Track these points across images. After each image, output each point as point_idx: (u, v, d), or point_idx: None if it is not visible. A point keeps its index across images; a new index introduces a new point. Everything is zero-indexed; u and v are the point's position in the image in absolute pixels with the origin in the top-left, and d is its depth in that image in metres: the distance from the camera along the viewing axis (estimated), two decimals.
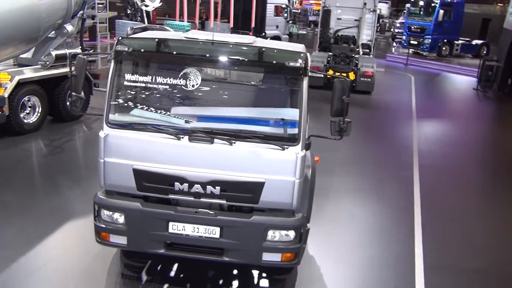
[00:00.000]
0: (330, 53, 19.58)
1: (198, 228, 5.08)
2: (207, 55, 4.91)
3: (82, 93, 5.03)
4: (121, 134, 4.97)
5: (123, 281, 5.65)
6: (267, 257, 5.15)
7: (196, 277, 5.82)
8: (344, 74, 18.04)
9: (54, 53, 11.10)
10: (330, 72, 18.05)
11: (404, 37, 32.74)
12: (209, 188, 4.95)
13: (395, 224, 7.76)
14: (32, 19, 10.26)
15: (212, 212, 5.07)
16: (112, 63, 4.96)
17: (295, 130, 4.91)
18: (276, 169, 4.94)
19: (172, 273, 5.86)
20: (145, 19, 19.57)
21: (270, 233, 5.09)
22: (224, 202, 5.05)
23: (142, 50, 4.95)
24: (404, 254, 6.78)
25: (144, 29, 6.03)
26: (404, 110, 16.39)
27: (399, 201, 8.68)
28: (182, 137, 4.90)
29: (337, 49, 19.86)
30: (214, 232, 5.08)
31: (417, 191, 9.08)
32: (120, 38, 4.98)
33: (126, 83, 4.98)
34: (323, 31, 21.45)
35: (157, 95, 5.02)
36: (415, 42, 31.15)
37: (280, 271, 5.97)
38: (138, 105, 5.04)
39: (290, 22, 29.59)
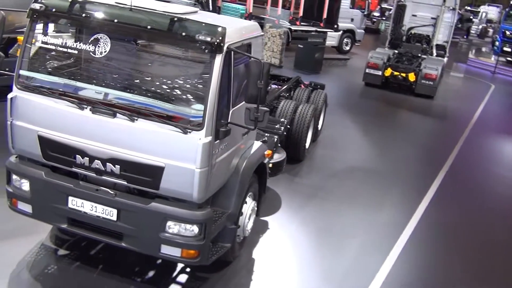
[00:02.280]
0: (395, 51, 18.23)
1: (96, 207, 4.71)
2: (115, 20, 4.47)
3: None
4: (28, 97, 4.72)
5: (38, 251, 5.45)
6: (166, 250, 4.66)
7: (112, 259, 5.48)
8: (403, 75, 16.69)
9: None
10: (388, 71, 16.76)
11: (497, 43, 29.74)
12: (109, 166, 4.57)
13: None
14: None
15: (112, 192, 4.68)
16: (28, 23, 4.71)
17: (200, 113, 4.33)
18: (177, 155, 4.42)
19: (93, 252, 5.56)
20: (210, 1, 19.60)
21: (170, 224, 4.59)
22: (124, 182, 4.62)
23: (54, 10, 4.63)
24: None
25: None
26: (461, 122, 14.74)
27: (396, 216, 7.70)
28: (85, 108, 4.55)
29: (407, 47, 18.46)
30: (111, 213, 4.69)
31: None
32: None
33: (38, 44, 4.71)
34: (395, 27, 20.06)
35: (67, 61, 4.71)
36: (509, 49, 28.16)
37: (205, 268, 5.43)
38: (48, 69, 4.77)
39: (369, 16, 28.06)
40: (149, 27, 4.40)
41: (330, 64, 20.75)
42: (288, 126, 8.36)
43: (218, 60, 4.29)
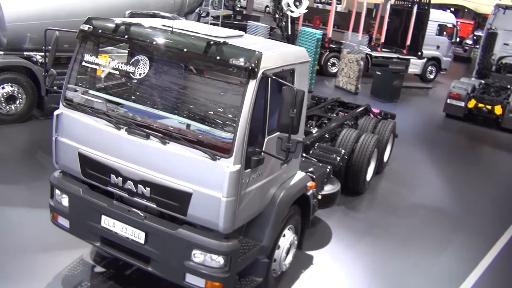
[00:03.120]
0: (481, 81, 17.04)
1: (126, 228, 4.68)
2: (153, 43, 4.47)
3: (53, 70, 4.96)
4: (73, 115, 4.84)
5: (76, 266, 5.53)
6: (191, 279, 4.50)
7: (145, 282, 5.41)
8: (489, 107, 15.51)
9: None
10: (472, 103, 15.66)
11: None
12: (140, 187, 4.53)
13: None
14: (136, 7, 10.91)
15: (142, 215, 4.62)
16: (77, 43, 4.87)
17: (229, 140, 4.17)
18: (205, 181, 4.27)
19: (128, 272, 5.55)
20: (289, 24, 19.65)
21: (195, 252, 4.43)
22: (154, 206, 4.55)
23: (100, 31, 4.73)
24: None
25: (153, 16, 5.79)
26: None
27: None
28: (122, 128, 4.56)
29: (496, 78, 17.21)
30: (139, 236, 4.62)
31: None
32: (89, 17, 4.86)
33: (84, 63, 4.83)
34: (484, 56, 18.84)
35: (109, 80, 4.79)
36: None
37: None
38: (93, 88, 4.87)
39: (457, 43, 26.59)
40: (185, 49, 4.34)
41: (410, 92, 19.88)
42: (346, 157, 7.95)
43: (252, 85, 4.12)
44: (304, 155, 7.28)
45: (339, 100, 11.29)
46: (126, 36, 4.59)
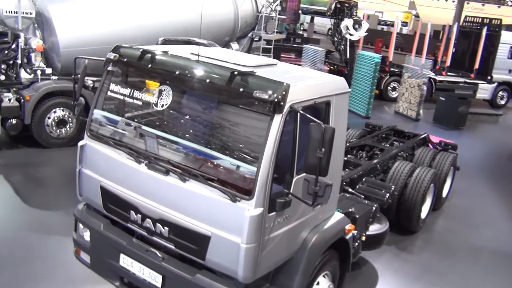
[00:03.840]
0: None
1: (144, 269, 4.38)
2: (176, 72, 4.19)
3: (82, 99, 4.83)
4: (96, 147, 4.66)
5: None
6: None
7: None
8: None
9: None
10: None
11: None
12: (159, 226, 4.23)
13: None
14: (189, 35, 10.89)
15: (160, 256, 4.31)
16: (104, 72, 4.71)
17: (251, 179, 3.77)
18: (224, 224, 3.90)
19: None
20: (348, 47, 19.14)
21: None
22: (172, 247, 4.22)
23: (126, 59, 4.53)
24: None
25: (187, 42, 5.58)
26: None
27: None
28: (142, 162, 4.31)
29: None
30: (156, 279, 4.31)
31: None
32: (116, 45, 4.69)
33: (110, 93, 4.65)
34: None
35: (133, 111, 4.57)
36: None
37: None
38: (117, 119, 4.66)
39: None
40: (208, 80, 4.03)
41: (478, 119, 18.61)
42: (396, 193, 7.30)
43: (277, 120, 3.72)
44: (350, 190, 6.75)
45: (395, 129, 10.60)
46: (150, 65, 4.36)
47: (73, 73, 4.94)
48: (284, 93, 3.74)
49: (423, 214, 8.04)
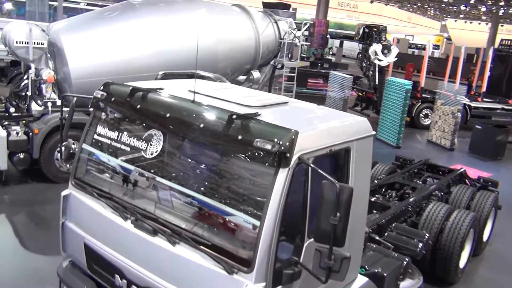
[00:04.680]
0: None
1: None
2: (167, 115, 3.58)
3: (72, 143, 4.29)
4: (81, 198, 4.08)
5: None
6: None
7: None
8: None
9: None
10: None
11: None
12: None
13: None
14: (208, 65, 10.40)
15: None
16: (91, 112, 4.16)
17: (251, 247, 3.09)
18: None
19: None
20: (377, 73, 18.39)
21: None
22: None
23: (113, 98, 3.97)
24: None
25: (191, 76, 4.99)
26: None
27: None
28: (128, 218, 3.69)
29: None
30: None
31: None
32: (106, 82, 4.14)
33: (97, 136, 4.08)
34: None
35: (121, 158, 3.96)
36: None
37: None
38: (104, 166, 4.07)
39: None
40: (202, 125, 3.40)
41: None
42: (431, 242, 6.45)
43: (282, 176, 3.06)
44: (377, 238, 5.97)
45: (428, 163, 9.74)
46: (139, 106, 3.77)
47: (60, 112, 4.40)
48: (291, 142, 3.08)
49: (462, 263, 7.13)
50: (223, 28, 10.83)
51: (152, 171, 3.73)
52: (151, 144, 3.66)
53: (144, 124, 3.79)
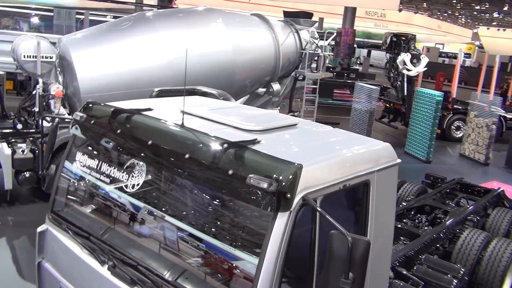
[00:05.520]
0: None
1: None
2: (149, 142, 3.03)
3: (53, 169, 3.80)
4: (58, 235, 3.55)
5: None
6: None
7: None
8: None
9: None
10: None
11: None
12: None
13: None
14: (224, 74, 9.89)
15: None
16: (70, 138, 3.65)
17: None
18: None
19: None
20: (405, 84, 17.58)
21: None
22: None
23: (93, 121, 3.45)
24: None
25: (192, 93, 4.44)
26: None
27: None
28: (106, 263, 3.14)
29: None
30: None
31: None
32: (88, 101, 3.64)
33: (77, 164, 3.56)
34: None
35: (101, 191, 3.42)
36: None
37: None
38: (83, 199, 3.55)
39: None
40: (187, 156, 2.83)
41: None
42: (467, 278, 5.69)
43: (281, 222, 2.46)
44: (404, 272, 5.28)
45: (462, 182, 8.93)
46: (119, 131, 3.24)
47: (41, 136, 3.91)
48: (293, 178, 2.48)
49: None
50: (241, 38, 10.31)
51: (133, 207, 3.18)
52: (132, 176, 3.12)
53: (125, 152, 3.24)
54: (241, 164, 2.60)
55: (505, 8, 30.30)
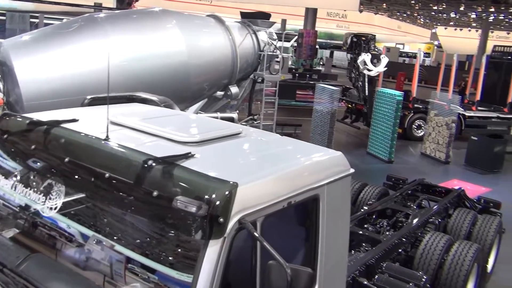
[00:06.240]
0: None
1: None
2: (65, 160, 2.65)
3: None
4: None
5: None
6: None
7: None
8: None
9: (201, 115, 10.07)
10: None
11: None
12: None
13: None
14: (179, 77, 9.49)
15: None
16: None
17: None
18: None
19: None
20: (366, 84, 17.57)
21: None
22: None
23: (6, 136, 3.03)
24: None
25: (131, 100, 4.06)
26: None
27: None
28: None
29: None
30: None
31: None
32: (4, 113, 3.21)
33: None
34: None
35: (15, 216, 3.00)
36: None
37: None
38: None
39: None
40: (106, 175, 2.46)
41: None
42: (428, 286, 5.50)
43: (213, 251, 2.12)
44: (365, 282, 5.05)
45: (423, 183, 8.84)
46: (33, 147, 2.83)
47: None
48: (226, 200, 2.15)
49: None
50: (196, 40, 9.95)
51: (52, 232, 2.78)
52: (50, 198, 2.72)
53: (42, 171, 2.84)
54: (167, 184, 2.26)
55: (461, 8, 30.96)
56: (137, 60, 9.08)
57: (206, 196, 2.13)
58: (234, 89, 10.69)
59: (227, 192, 2.15)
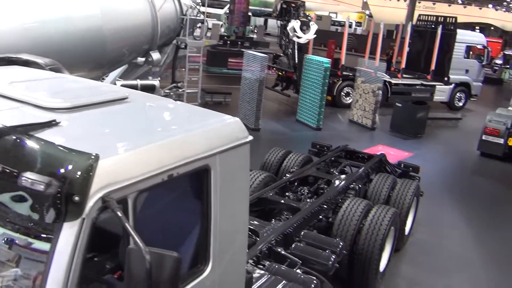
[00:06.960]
0: None
1: None
2: None
3: None
4: None
5: None
6: None
7: None
8: None
9: (119, 83, 9.51)
10: None
11: None
12: None
13: None
14: (94, 42, 8.83)
15: None
16: None
17: None
18: None
19: None
20: (296, 51, 17.45)
21: None
22: None
23: None
24: None
25: (12, 62, 3.54)
26: None
27: None
28: None
29: None
30: None
31: None
32: None
33: None
34: None
35: None
36: None
37: None
38: None
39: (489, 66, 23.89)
40: None
41: (437, 125, 17.24)
42: (345, 252, 5.49)
43: (68, 234, 1.81)
44: (282, 252, 4.94)
45: (347, 149, 8.89)
46: None
47: None
48: (83, 175, 1.82)
49: (382, 266, 6.30)
50: (111, 2, 9.28)
51: None
52: None
53: None
54: (15, 157, 1.91)
55: None
56: (45, 23, 8.33)
57: (59, 172, 1.80)
58: (155, 55, 10.17)
59: (84, 166, 1.83)
